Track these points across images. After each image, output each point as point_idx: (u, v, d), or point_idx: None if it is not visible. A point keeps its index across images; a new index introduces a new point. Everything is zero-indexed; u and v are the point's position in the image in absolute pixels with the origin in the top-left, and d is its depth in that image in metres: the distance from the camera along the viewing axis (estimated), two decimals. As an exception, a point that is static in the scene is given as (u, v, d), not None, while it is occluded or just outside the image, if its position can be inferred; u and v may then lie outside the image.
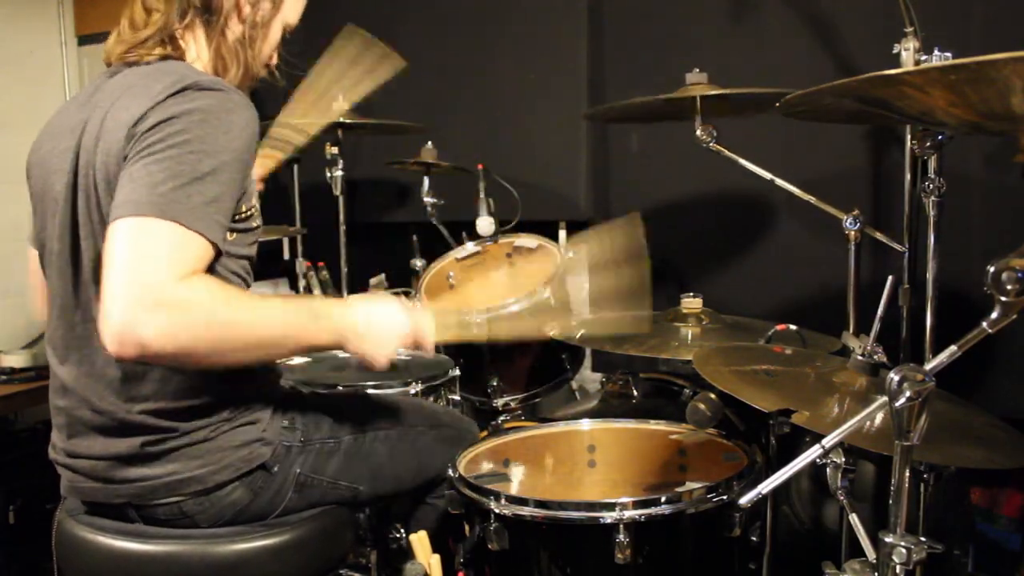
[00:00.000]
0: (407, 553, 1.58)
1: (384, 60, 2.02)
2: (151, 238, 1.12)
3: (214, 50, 1.39)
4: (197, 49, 1.39)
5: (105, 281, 1.10)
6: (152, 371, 1.30)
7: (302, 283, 2.92)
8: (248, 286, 1.40)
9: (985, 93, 0.88)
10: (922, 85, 0.94)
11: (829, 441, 1.03)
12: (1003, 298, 0.90)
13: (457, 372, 2.13)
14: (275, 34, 1.48)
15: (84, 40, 3.34)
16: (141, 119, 1.20)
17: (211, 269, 1.24)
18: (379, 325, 1.33)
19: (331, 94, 2.07)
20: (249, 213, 1.34)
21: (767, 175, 1.90)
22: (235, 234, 1.31)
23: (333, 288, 2.88)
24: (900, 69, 0.96)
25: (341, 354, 2.40)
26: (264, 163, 1.98)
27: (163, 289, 1.09)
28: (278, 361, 1.54)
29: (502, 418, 2.23)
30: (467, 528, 1.55)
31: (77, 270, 1.31)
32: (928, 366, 0.94)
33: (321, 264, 2.92)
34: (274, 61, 1.53)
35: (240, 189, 1.26)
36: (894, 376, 0.93)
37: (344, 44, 2.00)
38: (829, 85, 1.06)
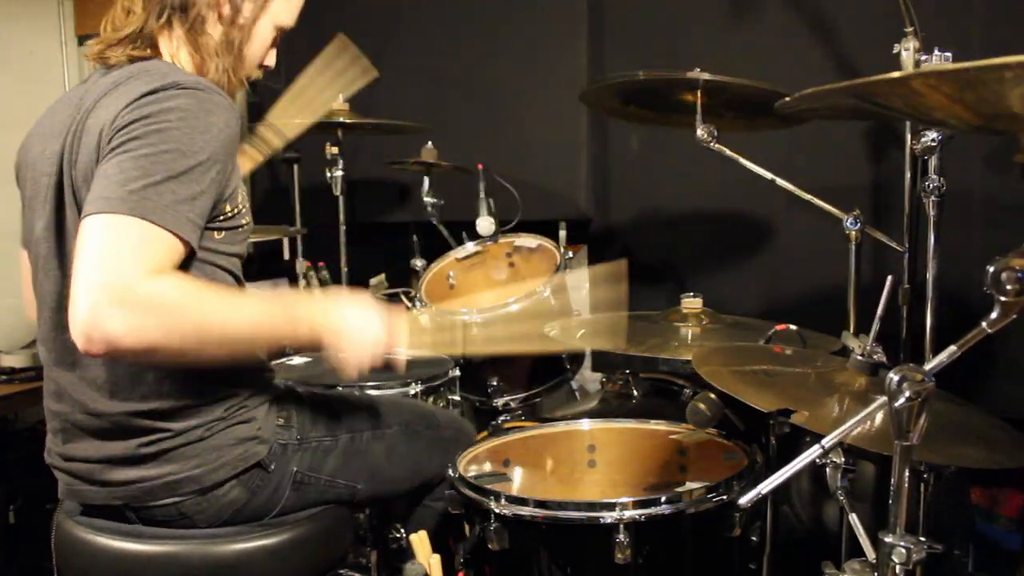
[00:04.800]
0: (407, 553, 1.58)
1: (362, 72, 2.04)
2: (119, 235, 1.11)
3: (193, 49, 1.38)
4: (176, 48, 1.39)
5: (74, 278, 1.10)
6: (147, 373, 1.30)
7: (302, 283, 2.92)
8: (240, 283, 1.41)
9: (984, 94, 0.87)
10: (923, 89, 0.93)
11: (829, 441, 1.03)
12: (1003, 298, 0.90)
13: (457, 372, 2.13)
14: (264, 35, 1.45)
15: (84, 40, 3.33)
16: (118, 116, 1.20)
17: (197, 267, 1.25)
18: (356, 331, 1.31)
19: (316, 101, 2.08)
20: (236, 211, 1.34)
21: (767, 175, 1.90)
22: (223, 232, 1.32)
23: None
24: (898, 73, 0.95)
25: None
26: (242, 163, 1.98)
27: (129, 285, 1.09)
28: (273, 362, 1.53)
29: (502, 418, 2.22)
30: (467, 528, 1.55)
31: (64, 272, 1.31)
32: (928, 366, 0.94)
33: (321, 264, 2.92)
34: (270, 62, 1.51)
35: (219, 189, 1.25)
36: (894, 376, 0.93)
37: (334, 54, 2.01)
38: (828, 88, 1.05)
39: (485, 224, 2.44)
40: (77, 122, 1.28)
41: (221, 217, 1.29)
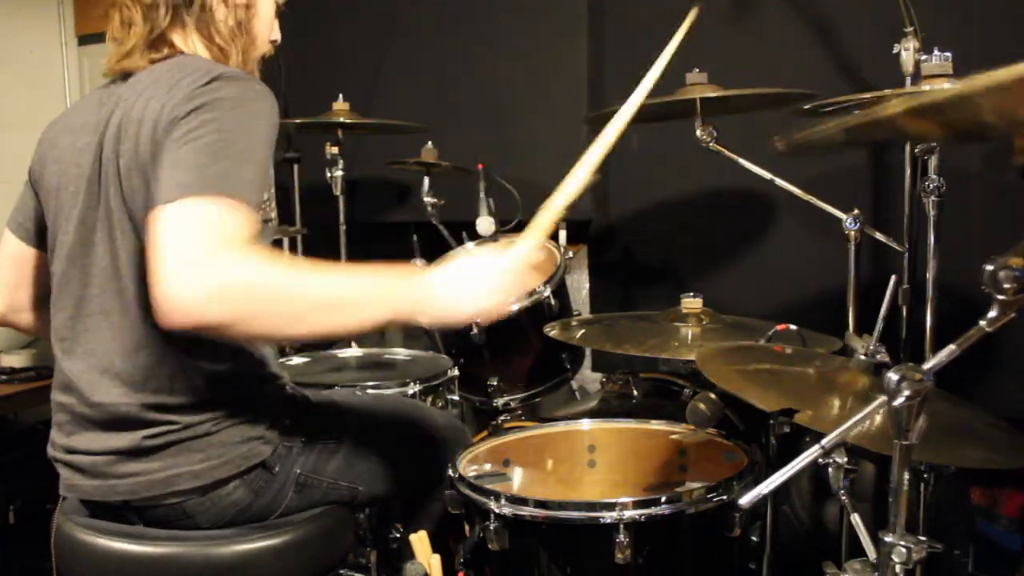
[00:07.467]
0: (407, 553, 1.58)
1: None
2: (202, 213, 1.11)
3: (209, 40, 1.39)
4: (193, 44, 1.39)
5: (156, 260, 1.08)
6: (160, 367, 1.30)
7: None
8: None
9: (963, 115, 0.85)
10: (903, 123, 0.91)
11: (829, 441, 1.03)
12: (1000, 297, 0.90)
13: (456, 372, 2.13)
14: (267, 10, 1.48)
15: (84, 40, 3.34)
16: (176, 107, 1.21)
17: None
18: (465, 281, 1.27)
19: None
20: (265, 204, 1.36)
21: (767, 175, 1.90)
22: None
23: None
24: (875, 110, 0.92)
25: (341, 354, 2.40)
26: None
27: (215, 254, 1.07)
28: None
29: (502, 418, 2.22)
30: (467, 528, 1.55)
31: (91, 262, 1.32)
32: (927, 365, 0.94)
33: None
34: (276, 36, 1.53)
35: (267, 173, 1.26)
36: (893, 375, 0.93)
37: None
38: (813, 130, 1.04)
39: (485, 224, 2.44)
40: (117, 115, 1.29)
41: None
